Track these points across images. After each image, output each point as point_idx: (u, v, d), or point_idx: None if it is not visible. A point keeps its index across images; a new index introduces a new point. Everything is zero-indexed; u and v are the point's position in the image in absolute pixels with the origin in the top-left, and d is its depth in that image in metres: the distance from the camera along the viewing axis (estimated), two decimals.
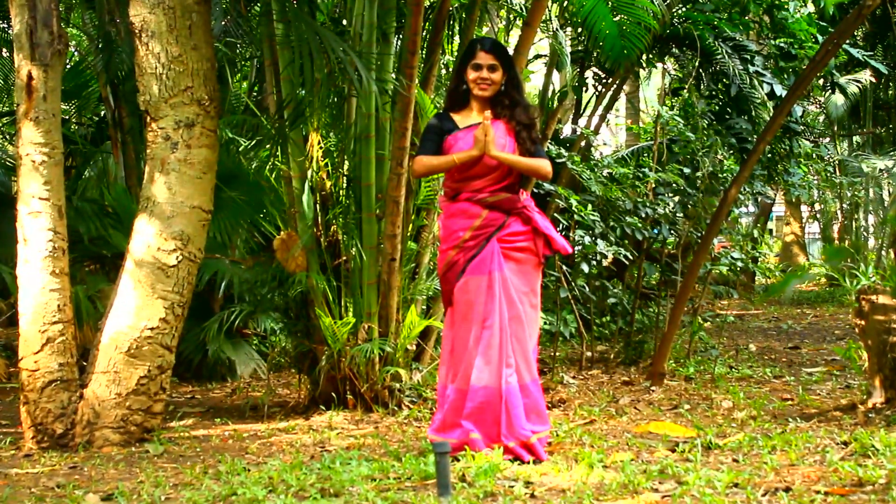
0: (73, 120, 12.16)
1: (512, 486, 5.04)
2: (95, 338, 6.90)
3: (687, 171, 11.03)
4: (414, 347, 8.36)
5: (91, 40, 11.63)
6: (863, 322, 7.04)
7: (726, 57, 11.98)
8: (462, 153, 6.00)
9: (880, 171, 20.90)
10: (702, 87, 12.77)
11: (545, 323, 10.77)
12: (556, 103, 13.12)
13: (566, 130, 16.07)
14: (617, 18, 9.77)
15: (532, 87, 22.24)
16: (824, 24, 13.48)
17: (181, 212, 6.79)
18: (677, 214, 11.12)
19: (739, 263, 11.33)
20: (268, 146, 8.47)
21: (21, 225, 6.69)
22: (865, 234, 25.02)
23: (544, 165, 6.25)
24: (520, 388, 5.95)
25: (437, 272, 6.41)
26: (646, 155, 13.34)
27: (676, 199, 11.21)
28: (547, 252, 6.26)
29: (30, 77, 6.69)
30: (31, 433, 6.66)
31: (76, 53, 13.00)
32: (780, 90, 11.90)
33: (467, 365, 5.93)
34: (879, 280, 7.64)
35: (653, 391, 8.78)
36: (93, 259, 10.21)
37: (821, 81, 15.99)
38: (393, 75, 8.11)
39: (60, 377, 6.67)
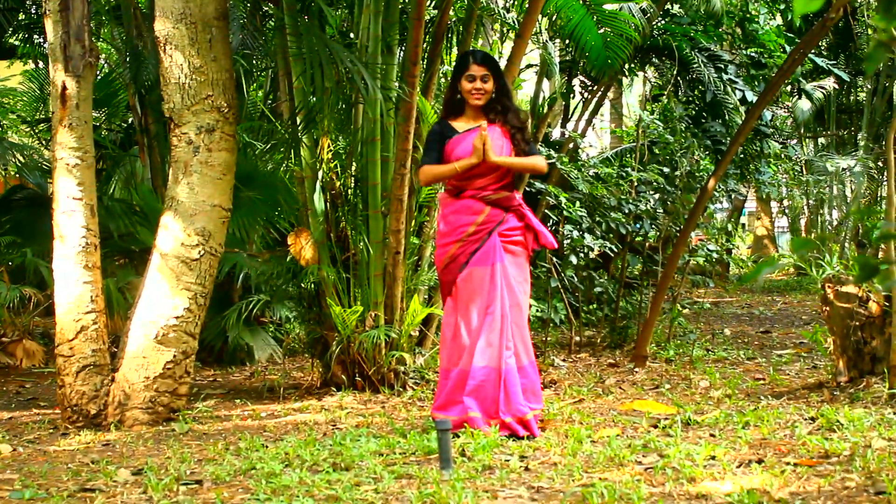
0: (104, 126, 12.15)
1: (508, 460, 5.04)
2: (125, 326, 6.90)
3: (666, 170, 11.03)
4: (417, 333, 8.38)
5: (120, 53, 11.61)
6: (828, 308, 7.05)
7: (702, 66, 11.96)
8: (463, 161, 6.00)
9: (843, 170, 20.86)
10: (680, 93, 12.76)
11: (537, 310, 10.76)
12: (546, 109, 13.11)
13: (555, 134, 16.05)
14: (602, 31, 9.77)
15: (524, 94, 22.21)
16: (792, 35, 13.48)
17: (203, 210, 6.78)
18: (658, 210, 11.12)
19: (715, 255, 11.34)
20: (282, 149, 8.48)
21: (56, 223, 6.69)
22: (830, 227, 24.99)
23: (539, 161, 6.27)
24: (518, 369, 5.95)
25: (435, 264, 6.34)
26: (628, 156, 13.33)
27: (657, 196, 11.20)
28: (535, 246, 6.28)
29: (64, 87, 6.68)
30: (67, 414, 6.67)
31: (106, 65, 12.99)
32: (751, 96, 11.88)
33: (470, 348, 5.92)
34: (843, 270, 7.63)
35: (636, 372, 8.78)
36: (122, 254, 10.21)
37: (788, 88, 15.95)
38: (396, 84, 8.10)
39: (93, 362, 6.67)
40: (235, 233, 9.08)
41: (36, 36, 13.24)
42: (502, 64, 8.22)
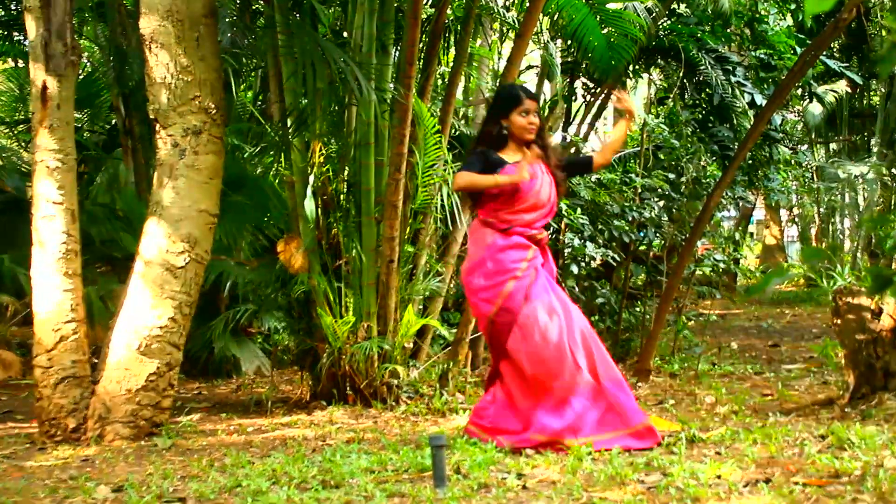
0: (86, 128, 12.14)
1: (505, 478, 5.02)
2: (107, 336, 6.89)
3: (672, 176, 11.03)
4: (411, 345, 8.37)
5: (103, 52, 11.62)
6: (839, 321, 7.04)
7: (709, 68, 11.97)
8: (505, 176, 6.05)
9: (855, 176, 20.89)
10: (686, 96, 12.76)
11: None
12: (547, 112, 13.11)
13: (556, 138, 16.04)
14: (605, 31, 9.79)
15: None
16: (802, 36, 13.48)
17: (189, 215, 6.78)
18: (662, 218, 11.12)
19: (722, 265, 11.33)
20: (271, 153, 8.49)
21: (35, 228, 6.69)
22: (842, 237, 25.02)
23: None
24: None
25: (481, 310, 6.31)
26: (632, 161, 13.32)
27: (662, 203, 11.21)
28: None
29: (45, 86, 6.69)
30: (45, 427, 6.66)
31: (89, 64, 12.97)
32: (760, 99, 11.89)
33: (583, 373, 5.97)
34: (855, 281, 7.64)
35: (639, 387, 8.77)
36: (104, 261, 10.20)
37: (799, 91, 15.97)
38: (391, 85, 8.10)
39: (73, 374, 6.66)
40: (222, 239, 9.08)
41: (16, 33, 13.22)
42: (501, 65, 8.23)
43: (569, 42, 11.53)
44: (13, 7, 12.84)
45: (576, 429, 5.82)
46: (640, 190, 11.10)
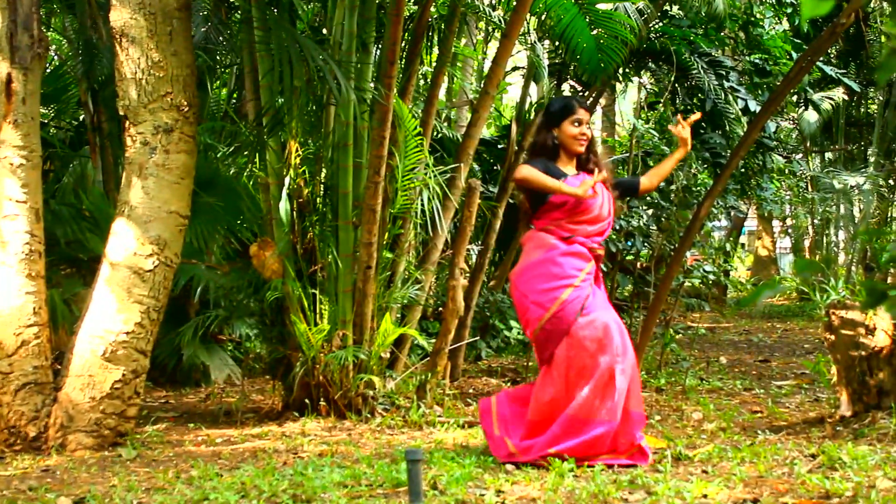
0: (52, 124, 12.10)
1: (483, 495, 5.02)
2: (70, 341, 6.87)
3: (661, 184, 11.06)
4: (388, 355, 8.36)
5: (71, 45, 11.59)
6: (832, 336, 7.06)
7: (702, 72, 12.02)
8: (571, 187, 6.02)
9: (851, 187, 21.02)
10: (677, 101, 12.80)
11: (518, 332, 10.77)
12: (533, 115, 13.12)
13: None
14: (594, 32, 9.81)
15: (509, 98, 22.28)
16: (799, 41, 13.54)
17: (158, 216, 6.76)
18: (651, 227, 11.16)
19: (711, 276, 11.38)
20: (246, 153, 8.47)
21: None
22: (836, 249, 25.13)
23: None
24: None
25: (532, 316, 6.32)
26: (621, 167, 13.36)
27: (650, 211, 11.24)
28: None
29: (9, 80, 6.66)
30: (4, 436, 6.61)
31: (56, 57, 12.95)
32: (754, 106, 11.94)
33: (622, 401, 5.95)
34: (849, 295, 7.66)
35: None
36: (69, 263, 10.14)
37: (794, 98, 16.08)
38: (372, 84, 8.11)
39: (35, 380, 6.63)
40: (193, 242, 9.05)
41: None
42: (486, 66, 8.25)
43: (557, 43, 11.56)
44: None
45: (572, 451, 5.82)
46: (628, 198, 11.12)
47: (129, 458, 6.39)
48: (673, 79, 12.39)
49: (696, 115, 6.86)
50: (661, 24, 12.66)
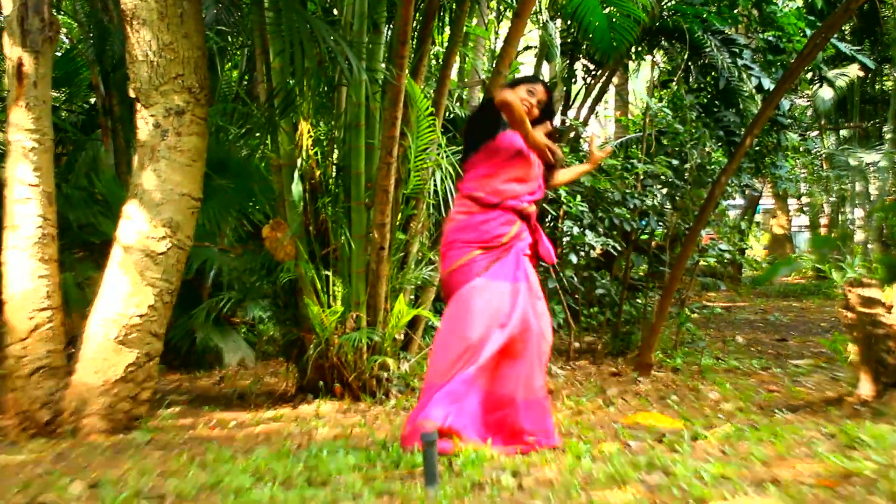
0: (64, 107, 12.08)
1: (499, 477, 4.99)
2: (83, 325, 6.84)
3: (675, 162, 11.01)
4: (402, 337, 8.34)
5: (82, 27, 11.56)
6: (850, 314, 7.01)
7: (715, 50, 11.96)
8: (546, 140, 5.96)
9: (867, 164, 20.93)
10: (690, 79, 12.75)
11: None
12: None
13: (555, 122, 16.04)
14: (607, 11, 9.75)
15: None
16: (812, 18, 13.47)
17: (170, 199, 6.74)
18: (665, 206, 11.10)
19: (727, 255, 11.32)
20: (258, 134, 8.44)
21: (9, 211, 6.64)
22: (852, 227, 25.03)
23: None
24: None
25: (441, 265, 6.18)
26: (634, 146, 13.31)
27: (664, 190, 11.19)
28: (532, 260, 6.23)
29: (20, 63, 6.64)
30: (18, 420, 6.61)
31: (67, 41, 12.92)
32: (767, 83, 11.88)
33: (490, 370, 5.81)
34: (866, 272, 7.62)
35: (640, 382, 8.76)
36: (82, 246, 10.14)
37: (808, 75, 15.99)
38: (383, 65, 8.07)
39: (48, 364, 6.62)
40: (206, 225, 9.03)
41: None
42: (498, 46, 8.20)
43: (569, 22, 11.53)
44: None
45: (460, 428, 5.67)
46: (642, 176, 11.07)
47: (142, 441, 6.38)
48: (686, 57, 12.34)
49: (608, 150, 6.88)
50: (673, 1, 12.59)
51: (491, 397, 5.77)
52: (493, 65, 10.03)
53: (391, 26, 8.41)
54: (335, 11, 8.79)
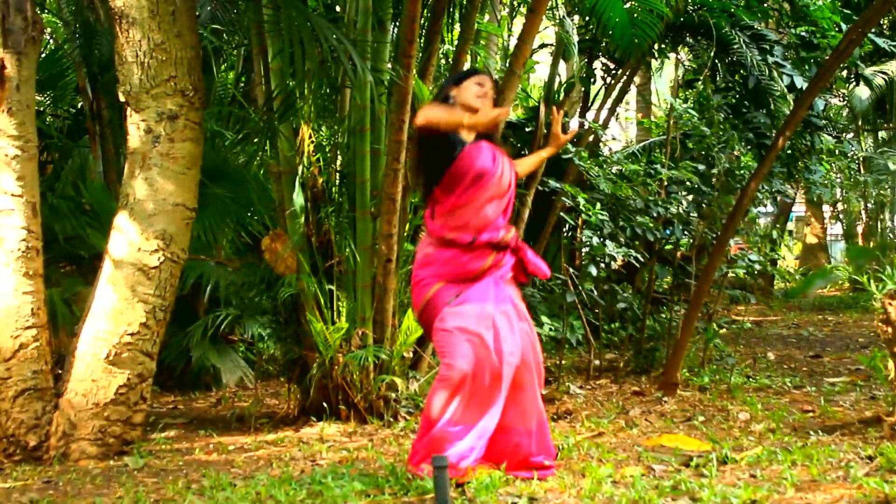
0: (49, 112, 12.14)
1: (515, 502, 5.02)
2: (71, 344, 6.88)
3: (701, 167, 11.01)
4: (411, 355, 8.36)
5: (68, 27, 11.61)
6: (889, 329, 7.01)
7: (744, 46, 11.96)
8: (475, 116, 5.79)
9: None
10: (717, 78, 12.75)
11: (550, 329, 10.76)
12: (562, 95, 13.13)
13: (573, 124, 16.05)
14: (627, 5, 9.78)
15: (537, 78, 22.25)
16: (848, 11, 13.46)
17: (163, 210, 6.77)
18: (691, 214, 11.12)
19: (757, 266, 11.31)
20: (256, 140, 8.47)
21: None
22: (891, 235, 25.01)
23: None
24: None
25: (416, 300, 6.10)
26: (658, 151, 13.36)
27: (690, 197, 11.20)
28: (523, 279, 6.18)
29: (2, 65, 6.68)
30: (2, 445, 6.64)
31: (52, 41, 12.98)
32: (800, 82, 11.88)
33: (507, 403, 5.79)
34: None
35: (665, 402, 8.77)
36: (69, 260, 10.19)
37: (844, 73, 15.98)
38: (389, 65, 8.10)
39: (34, 386, 6.65)
40: (201, 236, 9.07)
41: None
42: (512, 43, 8.23)
43: (587, 18, 11.55)
44: None
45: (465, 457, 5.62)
46: (666, 183, 11.10)
47: (135, 467, 6.41)
48: (713, 54, 12.34)
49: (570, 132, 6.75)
50: None
51: (502, 428, 5.78)
52: (507, 64, 10.06)
53: (397, 24, 8.44)
54: (338, 8, 8.84)
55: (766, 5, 12.78)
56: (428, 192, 6.04)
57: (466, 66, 13.16)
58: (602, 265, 10.76)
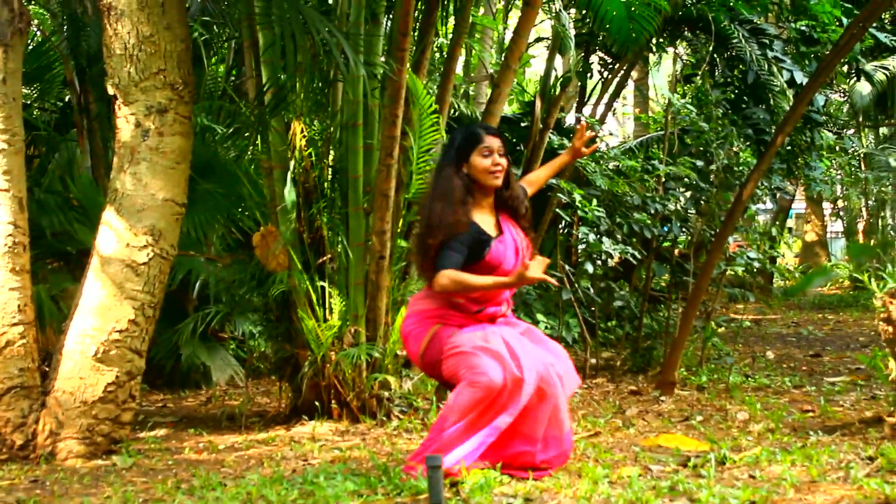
0: (36, 105, 12.13)
1: (510, 503, 5.02)
2: (59, 341, 6.88)
3: (700, 164, 11.01)
4: (404, 353, 8.35)
5: (55, 19, 11.60)
6: (890, 328, 7.02)
7: (743, 41, 11.97)
8: (504, 279, 5.69)
9: None
10: (716, 73, 12.76)
11: (546, 327, 10.76)
12: (558, 90, 13.11)
13: (569, 119, 16.07)
14: None
15: (533, 72, 22.27)
16: (849, 6, 13.46)
17: (152, 205, 6.77)
18: (689, 211, 11.12)
19: (756, 264, 11.32)
20: (246, 134, 8.47)
21: None
22: (892, 232, 25.03)
23: None
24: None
25: (408, 354, 6.06)
26: (655, 146, 13.34)
27: (688, 194, 11.20)
28: None
29: None
30: None
31: (39, 33, 12.97)
32: (800, 77, 11.89)
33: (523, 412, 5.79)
34: None
35: (662, 401, 8.78)
36: (56, 256, 10.19)
37: (845, 68, 15.97)
38: (382, 59, 8.09)
39: (21, 384, 6.65)
40: (191, 232, 9.07)
41: None
42: (508, 36, 8.23)
43: (583, 11, 11.54)
44: None
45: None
46: (663, 179, 11.10)
47: (124, 466, 6.41)
48: (711, 49, 12.35)
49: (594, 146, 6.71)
50: None
51: (511, 433, 5.77)
52: (502, 58, 10.07)
53: (391, 16, 8.44)
54: (330, 1, 8.82)
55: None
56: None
57: (461, 60, 13.16)
58: (599, 262, 10.76)
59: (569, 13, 13.12)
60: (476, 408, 5.54)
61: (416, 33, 8.52)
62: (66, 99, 11.90)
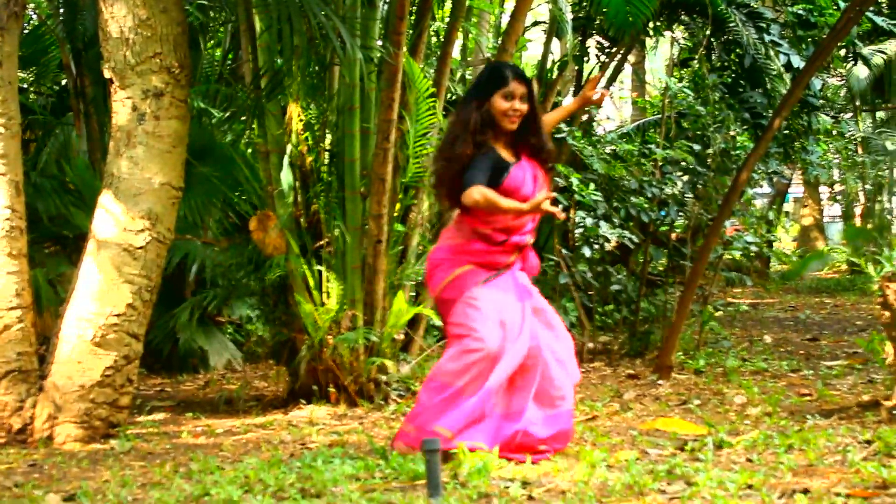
0: (32, 89, 12.11)
1: (508, 487, 5.02)
2: (56, 325, 6.87)
3: (697, 148, 11.02)
4: (402, 337, 8.36)
5: (51, 2, 11.58)
6: (887, 312, 7.03)
7: (740, 25, 11.95)
8: (527, 205, 5.67)
9: None
10: (713, 57, 12.75)
11: None
12: (555, 74, 13.10)
13: (566, 103, 16.05)
14: None
15: (530, 56, 22.22)
16: None
17: (149, 189, 6.76)
18: (686, 195, 11.11)
19: (753, 248, 11.33)
20: (243, 118, 8.45)
21: None
22: (890, 216, 25.03)
23: None
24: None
25: (428, 289, 6.14)
26: (652, 130, 13.34)
27: (685, 178, 11.20)
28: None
29: None
30: None
31: (35, 16, 12.94)
32: (797, 61, 11.87)
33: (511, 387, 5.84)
34: None
35: (660, 385, 8.79)
36: (53, 240, 10.19)
37: (842, 52, 15.96)
38: (379, 42, 8.08)
39: (19, 368, 6.65)
40: (187, 216, 9.08)
41: None
42: (504, 20, 8.22)
43: None
44: None
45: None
46: (660, 163, 11.09)
47: (122, 450, 6.41)
48: (708, 33, 12.33)
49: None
50: None
51: (506, 415, 5.80)
52: (499, 42, 10.05)
53: (387, 0, 8.43)
54: None
55: None
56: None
57: (458, 43, 13.14)
58: (596, 246, 10.74)
59: None
60: (469, 370, 5.66)
61: (412, 17, 8.51)
62: (63, 83, 11.88)
